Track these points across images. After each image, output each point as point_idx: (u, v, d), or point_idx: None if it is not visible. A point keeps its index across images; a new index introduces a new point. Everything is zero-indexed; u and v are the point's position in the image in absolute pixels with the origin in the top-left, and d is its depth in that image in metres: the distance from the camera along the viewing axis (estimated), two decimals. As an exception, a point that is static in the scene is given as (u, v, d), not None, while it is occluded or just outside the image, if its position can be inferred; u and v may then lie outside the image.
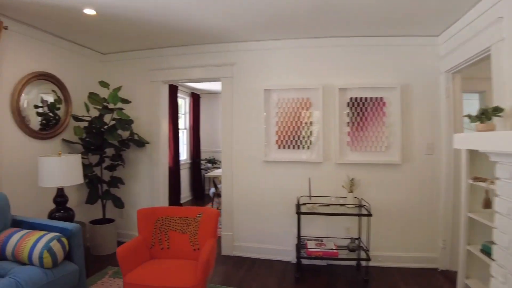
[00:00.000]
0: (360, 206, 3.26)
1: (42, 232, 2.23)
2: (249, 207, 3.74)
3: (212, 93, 7.45)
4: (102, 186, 3.84)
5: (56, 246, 2.14)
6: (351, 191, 3.28)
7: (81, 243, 2.41)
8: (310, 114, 3.55)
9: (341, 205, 3.31)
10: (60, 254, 2.16)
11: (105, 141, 3.64)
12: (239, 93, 3.75)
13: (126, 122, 3.70)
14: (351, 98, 3.46)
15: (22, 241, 2.16)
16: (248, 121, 3.73)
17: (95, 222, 3.83)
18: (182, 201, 6.44)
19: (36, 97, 3.33)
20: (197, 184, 7.08)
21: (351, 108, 3.47)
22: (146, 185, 4.13)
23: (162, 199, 4.11)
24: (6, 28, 2.85)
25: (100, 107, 3.64)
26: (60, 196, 2.96)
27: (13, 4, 2.65)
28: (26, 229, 2.32)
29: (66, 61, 3.67)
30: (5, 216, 2.42)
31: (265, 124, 3.65)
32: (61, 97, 3.59)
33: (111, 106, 3.74)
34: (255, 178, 3.72)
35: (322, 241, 3.41)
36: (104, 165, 3.99)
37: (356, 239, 3.34)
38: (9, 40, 2.95)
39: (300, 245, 3.24)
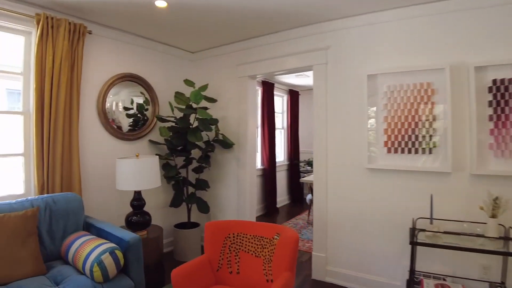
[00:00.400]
0: (507, 239, 2.15)
1: (100, 242, 2.05)
2: (347, 225, 2.97)
3: (311, 89, 6.78)
4: (187, 188, 3.68)
5: (107, 259, 1.91)
6: (494, 216, 2.18)
7: (140, 256, 2.16)
8: (432, 105, 2.57)
9: (477, 235, 2.24)
10: (111, 268, 1.92)
11: (189, 142, 3.44)
12: (334, 82, 3.03)
13: (209, 122, 3.43)
14: (494, 81, 2.33)
15: (80, 249, 2.02)
16: (346, 117, 2.97)
17: (180, 225, 3.70)
18: (278, 205, 6.02)
19: (126, 99, 3.37)
20: (295, 187, 6.54)
21: (495, 95, 2.34)
22: (234, 188, 3.80)
23: (248, 204, 3.72)
24: (90, 32, 2.88)
25: (184, 107, 3.46)
26: (137, 200, 2.84)
27: (94, 7, 2.63)
28: (91, 235, 2.19)
29: (153, 61, 3.63)
30: (78, 219, 2.37)
31: (369, 121, 2.83)
32: (148, 98, 3.57)
33: (195, 105, 3.54)
34: (355, 190, 2.93)
35: (445, 280, 2.42)
36: (191, 166, 3.85)
37: (499, 284, 2.23)
38: (94, 43, 3.00)
39: (413, 283, 2.34)
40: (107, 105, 3.17)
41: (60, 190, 2.64)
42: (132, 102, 3.44)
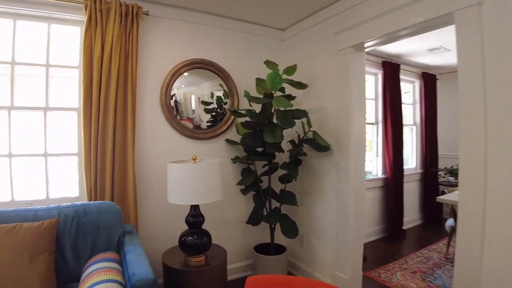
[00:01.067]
0: None
1: (108, 276, 1.51)
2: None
3: (454, 72, 4.96)
4: (270, 202, 2.90)
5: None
6: None
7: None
8: None
9: None
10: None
11: (268, 142, 2.65)
12: (497, 38, 1.67)
13: (292, 115, 2.57)
14: None
15: (85, 280, 1.54)
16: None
17: (261, 247, 2.94)
18: (406, 226, 4.58)
19: (206, 92, 2.90)
20: (431, 203, 4.88)
21: None
22: (333, 206, 2.80)
23: (352, 228, 2.63)
24: (146, 13, 2.46)
25: (261, 96, 2.71)
26: (193, 216, 2.24)
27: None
28: (111, 263, 1.69)
29: (230, 44, 3.02)
30: (110, 235, 1.94)
31: None
32: (226, 89, 2.98)
33: (279, 93, 2.73)
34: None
35: None
36: (278, 174, 3.06)
37: None
38: (152, 26, 2.59)
39: None
40: (178, 98, 2.75)
41: (111, 197, 2.29)
42: (212, 96, 2.93)
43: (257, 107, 2.94)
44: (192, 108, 2.86)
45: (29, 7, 2.14)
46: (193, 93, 2.85)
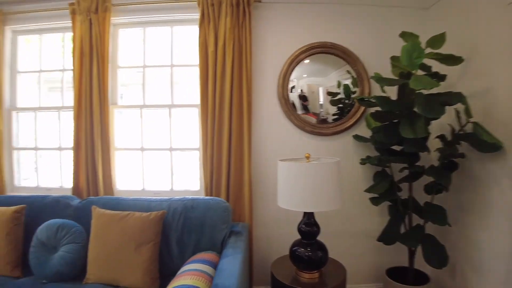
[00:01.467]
0: None
1: (189, 282, 1.42)
2: None
3: None
4: (411, 217, 2.25)
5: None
6: None
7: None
8: None
9: None
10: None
11: (406, 138, 2.03)
12: None
13: (441, 99, 1.89)
14: None
15: (175, 279, 1.48)
16: None
17: (396, 272, 2.33)
18: None
19: (332, 80, 2.55)
20: None
21: None
22: (505, 229, 1.94)
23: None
24: (259, 1, 2.33)
25: (396, 78, 2.13)
26: (306, 225, 1.92)
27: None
28: (205, 265, 1.59)
29: (356, 22, 2.52)
30: (215, 234, 1.87)
31: None
32: (354, 75, 2.52)
33: (419, 73, 2.08)
34: None
35: None
36: (424, 181, 2.36)
37: None
38: (265, 14, 2.43)
39: None
40: (300, 90, 2.51)
41: (226, 194, 2.25)
42: (339, 85, 2.56)
43: (393, 94, 2.34)
44: (320, 102, 2.54)
45: (155, 14, 2.36)
46: (319, 84, 2.53)
